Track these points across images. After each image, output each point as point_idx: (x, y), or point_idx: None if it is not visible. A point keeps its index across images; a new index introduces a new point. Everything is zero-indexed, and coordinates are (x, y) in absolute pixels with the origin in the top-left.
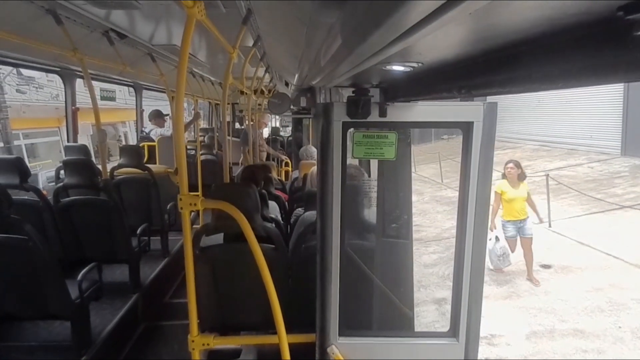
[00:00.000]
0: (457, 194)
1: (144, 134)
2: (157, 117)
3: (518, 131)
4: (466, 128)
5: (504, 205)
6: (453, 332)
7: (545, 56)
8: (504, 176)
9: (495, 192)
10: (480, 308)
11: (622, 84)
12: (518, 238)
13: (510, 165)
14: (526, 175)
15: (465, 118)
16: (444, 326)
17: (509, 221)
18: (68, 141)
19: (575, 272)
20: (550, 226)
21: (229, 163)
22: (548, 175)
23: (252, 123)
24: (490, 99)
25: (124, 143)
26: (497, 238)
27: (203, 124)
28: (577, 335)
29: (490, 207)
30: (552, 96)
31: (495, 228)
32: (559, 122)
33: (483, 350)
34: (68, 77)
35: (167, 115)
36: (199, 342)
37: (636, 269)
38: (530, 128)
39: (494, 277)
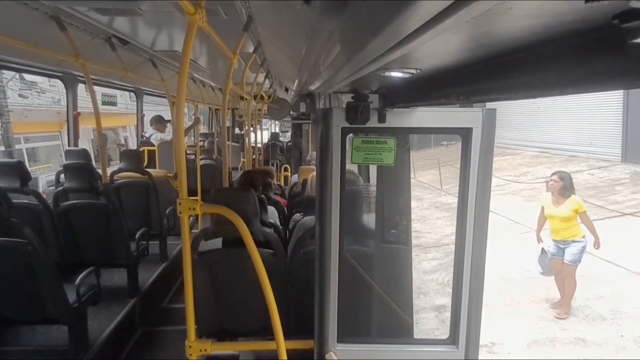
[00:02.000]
0: (456, 200)
1: (145, 138)
2: (159, 122)
3: (518, 137)
4: (465, 134)
5: (548, 221)
6: (453, 339)
7: (543, 63)
8: (547, 188)
9: (542, 207)
10: (480, 315)
11: (622, 91)
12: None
13: (555, 177)
14: (573, 191)
15: (464, 124)
16: (444, 334)
17: (553, 239)
18: (69, 145)
19: (576, 280)
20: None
21: (229, 168)
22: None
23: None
24: (489, 105)
25: (124, 148)
26: (542, 250)
27: (203, 129)
28: (579, 343)
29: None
30: (552, 103)
31: (541, 241)
32: (559, 128)
33: (483, 358)
34: (70, 82)
35: (168, 121)
36: (196, 347)
37: (638, 276)
38: (530, 134)
39: (494, 284)
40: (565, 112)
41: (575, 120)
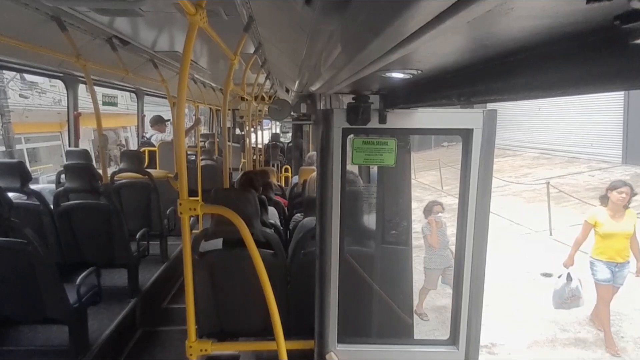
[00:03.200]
0: (457, 201)
1: (145, 139)
2: (159, 122)
3: (518, 139)
4: (466, 135)
5: (598, 240)
6: (453, 339)
7: (544, 64)
8: (602, 201)
9: (586, 221)
10: (481, 316)
11: (623, 92)
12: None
13: (625, 189)
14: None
15: (465, 125)
16: (444, 334)
17: (601, 260)
18: (69, 146)
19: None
20: (551, 234)
21: (229, 168)
22: (549, 183)
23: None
24: (490, 106)
25: (125, 148)
26: (569, 277)
27: (203, 129)
28: (579, 345)
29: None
30: (553, 104)
31: (572, 264)
32: (560, 130)
33: (483, 359)
34: (71, 83)
35: (168, 120)
36: (196, 347)
37: (638, 278)
38: (531, 136)
39: (494, 285)
40: (566, 113)
41: (576, 122)
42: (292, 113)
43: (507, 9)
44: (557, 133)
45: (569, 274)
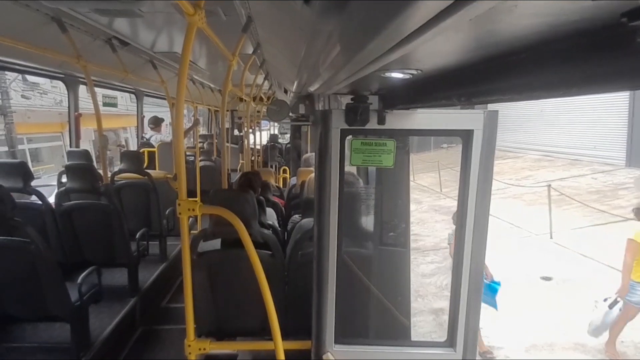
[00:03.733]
0: (456, 203)
1: (145, 140)
2: (157, 123)
3: (520, 140)
4: (466, 136)
5: None
6: (450, 342)
7: (547, 63)
8: (638, 215)
9: (633, 240)
10: (478, 318)
11: (628, 93)
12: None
13: None
14: None
15: (465, 126)
16: (441, 337)
17: None
18: (70, 146)
19: (577, 285)
20: (552, 237)
21: (228, 169)
22: (550, 185)
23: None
24: (491, 107)
25: (125, 149)
26: (615, 302)
27: (202, 130)
28: (578, 349)
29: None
30: (555, 105)
31: (626, 293)
32: (562, 132)
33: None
34: (71, 84)
35: (163, 120)
36: (195, 346)
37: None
38: (533, 138)
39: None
40: (569, 115)
41: (579, 123)
42: (290, 114)
43: (510, 6)
44: (560, 135)
45: (616, 298)
